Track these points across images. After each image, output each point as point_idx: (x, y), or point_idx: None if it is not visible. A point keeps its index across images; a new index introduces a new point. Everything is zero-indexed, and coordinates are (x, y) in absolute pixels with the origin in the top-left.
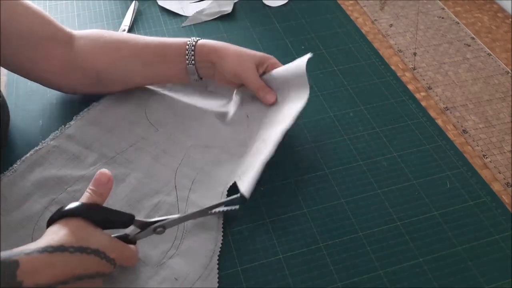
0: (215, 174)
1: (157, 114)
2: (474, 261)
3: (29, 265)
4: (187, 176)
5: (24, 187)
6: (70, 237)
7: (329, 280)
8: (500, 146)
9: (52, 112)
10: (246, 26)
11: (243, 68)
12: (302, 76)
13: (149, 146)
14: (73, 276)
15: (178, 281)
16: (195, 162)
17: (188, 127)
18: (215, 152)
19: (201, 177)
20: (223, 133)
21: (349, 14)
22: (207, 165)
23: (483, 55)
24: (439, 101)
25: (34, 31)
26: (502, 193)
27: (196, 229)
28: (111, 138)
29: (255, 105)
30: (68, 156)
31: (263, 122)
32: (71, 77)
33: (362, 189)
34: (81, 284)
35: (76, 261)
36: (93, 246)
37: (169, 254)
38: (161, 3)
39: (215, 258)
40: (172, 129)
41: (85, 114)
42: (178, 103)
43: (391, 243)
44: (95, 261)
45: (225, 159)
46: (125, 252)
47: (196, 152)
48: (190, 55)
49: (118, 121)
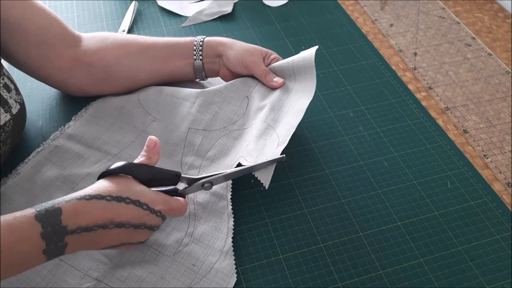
0: (219, 160)
1: (149, 98)
2: (475, 261)
3: (70, 210)
4: (193, 165)
5: (31, 188)
6: (110, 188)
7: (329, 280)
8: (500, 146)
9: (52, 113)
10: (246, 26)
11: (250, 53)
12: (310, 68)
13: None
14: (112, 222)
15: (196, 266)
16: (197, 148)
17: (181, 108)
18: (214, 136)
19: (206, 164)
20: (221, 115)
21: (349, 14)
22: (209, 150)
23: (484, 55)
24: (439, 101)
25: (45, 31)
26: (503, 193)
27: (207, 215)
28: (112, 135)
29: (255, 88)
30: (71, 155)
31: (263, 104)
32: (77, 75)
33: (362, 189)
34: (126, 232)
35: (114, 208)
36: (133, 197)
37: (184, 242)
38: (161, 3)
39: (229, 240)
40: (167, 114)
41: (83, 113)
42: (169, 88)
43: (391, 243)
44: (136, 211)
45: (225, 143)
46: (172, 203)
47: (195, 136)
48: (198, 51)
49: (116, 114)
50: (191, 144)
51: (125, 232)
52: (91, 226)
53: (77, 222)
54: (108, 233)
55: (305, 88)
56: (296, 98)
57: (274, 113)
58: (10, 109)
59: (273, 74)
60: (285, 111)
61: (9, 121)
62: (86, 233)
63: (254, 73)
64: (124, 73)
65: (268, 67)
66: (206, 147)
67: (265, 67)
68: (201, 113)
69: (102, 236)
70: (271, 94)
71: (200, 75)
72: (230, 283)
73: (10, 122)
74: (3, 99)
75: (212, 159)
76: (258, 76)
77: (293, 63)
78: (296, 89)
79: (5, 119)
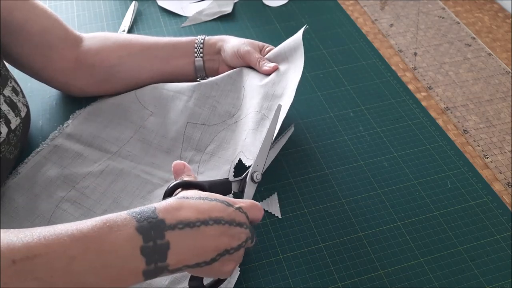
0: (219, 154)
1: (145, 93)
2: (475, 261)
3: (165, 205)
4: (193, 160)
5: (31, 188)
6: (188, 193)
7: (329, 280)
8: (500, 146)
9: (51, 113)
10: (246, 26)
11: (245, 44)
12: (298, 46)
13: (149, 134)
14: (210, 217)
15: None
16: (196, 143)
17: (178, 102)
18: (213, 130)
19: (206, 158)
20: (218, 109)
21: (349, 14)
22: (209, 145)
23: (484, 55)
24: (439, 101)
25: (48, 32)
26: (503, 193)
27: None
28: (111, 132)
29: (250, 76)
30: (71, 154)
31: (257, 92)
32: (79, 76)
33: (362, 189)
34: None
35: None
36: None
37: None
38: (161, 4)
39: None
40: (164, 108)
41: (82, 112)
42: (165, 83)
43: (391, 243)
44: (223, 207)
45: (224, 136)
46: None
47: (194, 130)
48: (199, 49)
49: (113, 110)
50: (190, 138)
51: (223, 231)
52: (194, 221)
53: (175, 216)
54: (211, 231)
55: (295, 67)
56: (289, 81)
57: (268, 101)
58: (19, 112)
59: (266, 60)
60: (278, 97)
61: (19, 125)
62: (189, 229)
63: (249, 61)
64: (126, 73)
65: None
66: (205, 142)
67: (259, 55)
68: (199, 107)
69: (205, 236)
70: (264, 80)
71: (201, 73)
72: (231, 283)
73: (20, 126)
74: (13, 103)
75: (212, 153)
76: (253, 64)
77: (284, 46)
78: (288, 70)
79: (16, 123)
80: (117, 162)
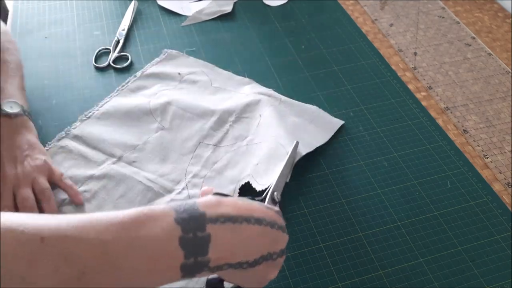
0: (225, 173)
1: (159, 107)
2: (475, 261)
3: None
4: (198, 175)
5: None
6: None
7: (329, 280)
8: (500, 146)
9: (51, 113)
10: (246, 26)
11: None
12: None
13: (158, 146)
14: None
15: None
16: (204, 160)
17: (194, 123)
18: (223, 150)
19: (212, 175)
20: (231, 132)
21: (349, 13)
22: (217, 163)
23: (484, 54)
24: (439, 101)
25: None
26: (503, 193)
27: None
28: (119, 138)
29: (269, 109)
30: (76, 156)
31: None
32: None
33: (362, 189)
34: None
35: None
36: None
37: None
38: (161, 3)
39: None
40: (178, 127)
41: (91, 114)
42: (183, 100)
43: (391, 243)
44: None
45: (233, 157)
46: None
47: (205, 150)
48: None
49: (124, 116)
50: (199, 156)
51: (265, 232)
52: (236, 217)
53: (217, 210)
54: (253, 230)
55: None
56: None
57: (287, 133)
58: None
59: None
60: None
61: None
62: (231, 224)
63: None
64: None
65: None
66: (213, 160)
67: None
68: (214, 130)
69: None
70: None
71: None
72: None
73: None
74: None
75: (218, 171)
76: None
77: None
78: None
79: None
80: (121, 167)
